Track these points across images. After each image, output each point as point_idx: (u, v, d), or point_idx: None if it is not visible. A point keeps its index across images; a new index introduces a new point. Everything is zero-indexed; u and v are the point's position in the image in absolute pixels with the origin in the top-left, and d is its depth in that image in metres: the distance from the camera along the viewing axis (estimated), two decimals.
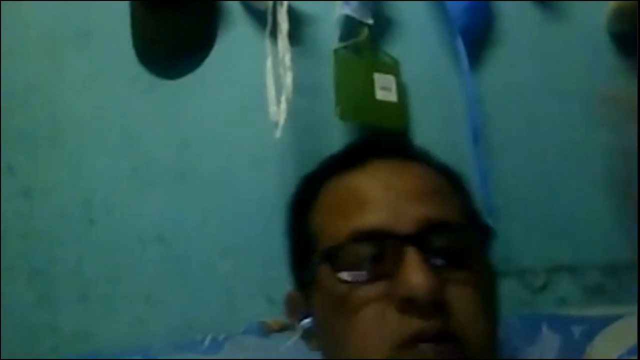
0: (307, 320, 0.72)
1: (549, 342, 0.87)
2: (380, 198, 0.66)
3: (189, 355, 0.93)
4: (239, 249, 1.10)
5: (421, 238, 0.62)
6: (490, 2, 1.15)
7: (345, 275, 0.64)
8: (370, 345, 0.61)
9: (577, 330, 0.89)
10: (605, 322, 0.87)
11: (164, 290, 1.09)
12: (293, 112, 1.04)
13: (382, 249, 0.63)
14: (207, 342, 0.96)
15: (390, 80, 1.13)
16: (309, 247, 0.70)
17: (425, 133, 1.12)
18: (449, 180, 0.72)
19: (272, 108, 1.04)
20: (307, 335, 0.73)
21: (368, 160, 0.71)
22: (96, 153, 1.15)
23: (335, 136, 1.11)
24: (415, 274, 0.60)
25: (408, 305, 0.60)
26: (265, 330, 0.96)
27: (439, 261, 0.63)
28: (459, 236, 0.66)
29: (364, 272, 0.63)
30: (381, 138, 0.76)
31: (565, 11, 1.15)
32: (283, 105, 1.03)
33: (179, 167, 1.14)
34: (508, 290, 1.05)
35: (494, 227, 1.04)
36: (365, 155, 0.72)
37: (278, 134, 1.02)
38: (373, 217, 0.65)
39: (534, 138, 1.11)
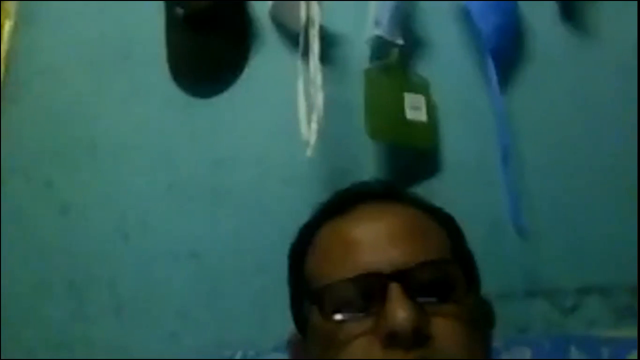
0: None
1: None
2: (363, 241, 0.69)
3: None
4: (271, 266, 1.10)
5: (404, 275, 0.65)
6: (520, 22, 1.16)
7: (332, 315, 0.66)
8: None
9: (606, 352, 0.89)
10: (634, 343, 0.87)
11: (197, 306, 1.10)
12: (324, 131, 1.05)
13: (367, 288, 0.66)
14: (237, 358, 0.97)
15: (420, 100, 1.14)
16: (303, 291, 0.74)
17: (455, 153, 1.13)
18: (434, 220, 0.74)
19: (304, 127, 1.05)
20: None
21: (354, 206, 0.74)
22: (132, 170, 1.18)
23: (366, 156, 1.13)
24: (397, 309, 0.62)
25: (392, 339, 0.62)
26: None
27: (422, 296, 0.65)
28: (442, 271, 0.68)
29: (350, 311, 0.66)
30: (366, 185, 0.80)
31: (595, 32, 1.15)
32: (314, 125, 1.05)
33: (213, 184, 1.16)
34: (537, 310, 1.04)
35: (523, 246, 1.07)
36: (351, 201, 0.75)
37: (309, 153, 1.03)
38: (358, 260, 0.68)
39: (564, 158, 1.11)
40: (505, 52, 1.14)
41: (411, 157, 1.13)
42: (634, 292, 1.04)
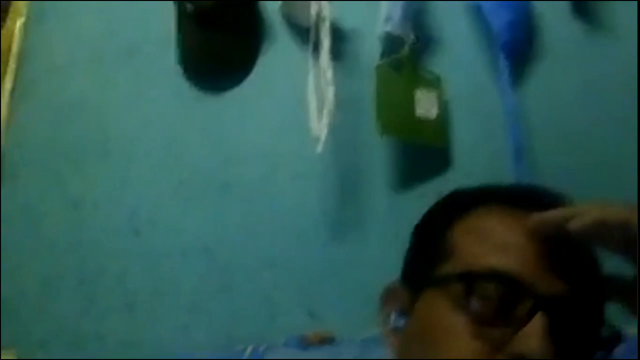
0: (399, 318, 0.73)
1: None
2: (531, 249, 0.65)
3: None
4: (280, 261, 1.11)
5: (555, 305, 0.63)
6: (532, 19, 1.16)
7: (471, 304, 0.63)
8: None
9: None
10: None
11: (207, 301, 1.11)
12: (334, 127, 1.05)
13: (514, 298, 0.63)
14: (247, 352, 0.98)
15: (431, 96, 1.13)
16: (439, 256, 0.69)
17: (467, 149, 1.12)
18: (593, 263, 0.70)
19: (314, 123, 1.06)
20: (390, 332, 0.73)
21: (526, 207, 0.69)
22: (142, 166, 1.19)
23: (376, 152, 1.12)
24: (537, 339, 0.60)
25: None
26: (305, 343, 0.98)
27: (559, 335, 0.62)
28: (586, 328, 0.65)
29: (488, 309, 0.63)
30: (547, 192, 0.76)
31: (607, 28, 1.15)
32: (324, 120, 1.05)
33: (222, 180, 1.16)
34: None
35: None
36: (533, 203, 0.70)
37: (319, 148, 1.04)
38: (514, 264, 0.64)
39: (576, 155, 1.10)
40: (517, 49, 1.13)
41: (421, 153, 1.13)
42: None
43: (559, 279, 0.64)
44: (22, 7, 1.34)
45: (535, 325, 0.61)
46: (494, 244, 0.67)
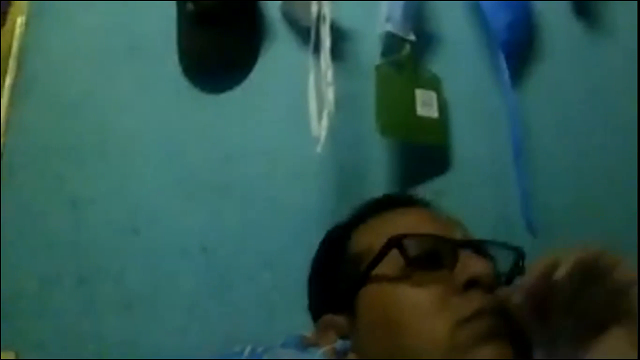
0: (342, 342, 0.75)
1: None
2: (429, 219, 0.77)
3: None
4: (280, 261, 1.11)
5: (472, 245, 0.72)
6: (533, 18, 1.15)
7: (409, 263, 0.71)
8: (434, 323, 0.67)
9: None
10: None
11: (206, 301, 1.10)
12: (334, 127, 1.05)
13: (441, 248, 0.72)
14: (246, 353, 0.97)
15: (431, 96, 1.13)
16: (352, 265, 0.76)
17: (467, 149, 1.12)
18: None
19: (314, 123, 1.05)
20: (340, 355, 0.78)
21: (408, 206, 0.83)
22: (141, 165, 1.18)
23: (376, 152, 1.12)
24: (479, 260, 0.69)
25: (471, 285, 0.68)
26: (304, 344, 0.97)
27: None
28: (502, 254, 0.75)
29: (423, 264, 0.71)
30: (401, 194, 0.97)
31: (608, 28, 1.15)
32: (324, 121, 1.05)
33: (222, 179, 1.16)
34: None
35: (533, 243, 1.06)
36: (402, 203, 0.84)
37: (319, 148, 1.03)
38: (431, 229, 0.74)
39: (575, 155, 1.11)
40: (518, 48, 1.13)
41: (422, 153, 1.13)
42: None
43: (462, 232, 0.76)
44: (22, 5, 1.33)
45: (471, 255, 0.70)
46: (403, 225, 0.75)
